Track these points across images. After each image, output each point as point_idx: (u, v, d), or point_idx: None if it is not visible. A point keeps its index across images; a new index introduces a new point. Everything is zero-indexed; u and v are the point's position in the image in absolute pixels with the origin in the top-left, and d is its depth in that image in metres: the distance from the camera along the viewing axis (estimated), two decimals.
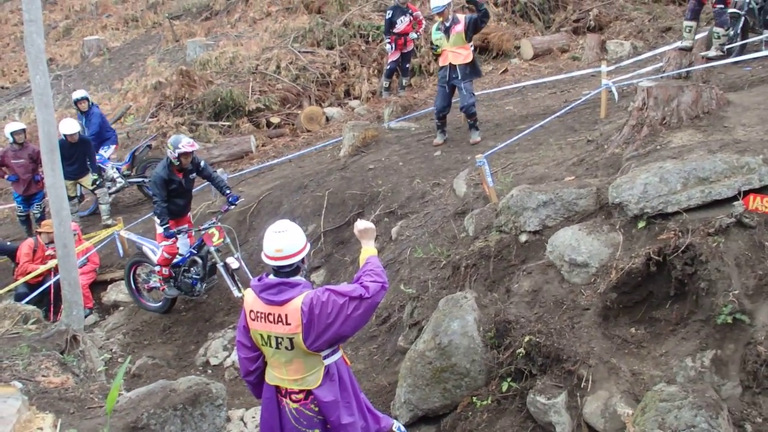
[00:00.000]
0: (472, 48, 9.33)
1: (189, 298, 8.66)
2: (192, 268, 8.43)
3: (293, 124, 13.25)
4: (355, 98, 13.85)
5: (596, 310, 5.02)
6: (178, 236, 8.10)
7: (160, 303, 8.79)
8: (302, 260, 3.96)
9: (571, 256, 5.31)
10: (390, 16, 11.64)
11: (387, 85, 12.47)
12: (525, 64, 14.19)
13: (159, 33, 19.09)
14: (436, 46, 9.32)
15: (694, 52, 8.60)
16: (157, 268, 8.40)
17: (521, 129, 9.05)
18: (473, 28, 9.12)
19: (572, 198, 5.78)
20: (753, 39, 9.10)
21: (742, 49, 8.88)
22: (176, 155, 7.77)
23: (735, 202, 4.79)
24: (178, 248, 8.26)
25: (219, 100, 13.26)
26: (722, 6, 8.46)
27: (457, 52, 9.11)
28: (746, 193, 4.83)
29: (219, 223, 8.23)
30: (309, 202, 8.81)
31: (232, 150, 12.45)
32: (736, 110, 6.19)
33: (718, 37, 8.59)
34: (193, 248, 8.35)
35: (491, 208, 6.47)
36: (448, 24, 9.09)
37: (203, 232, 8.12)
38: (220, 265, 8.08)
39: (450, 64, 9.13)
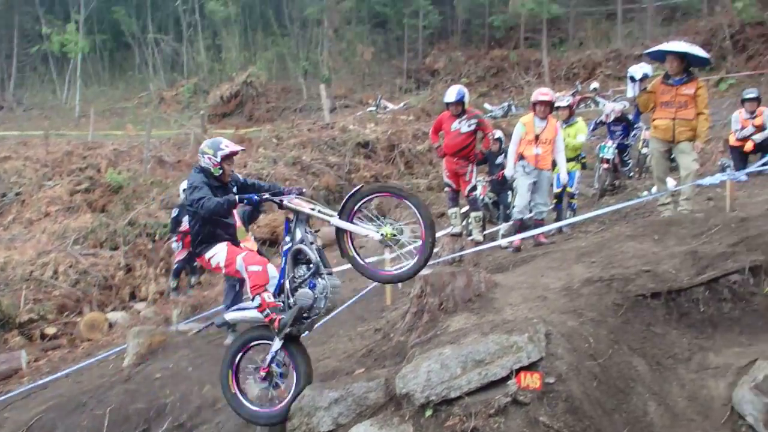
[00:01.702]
0: (253, 238, 9.48)
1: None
2: (299, 269, 5.94)
3: (72, 334, 12.32)
4: (142, 300, 13.30)
5: None
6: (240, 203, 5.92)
7: (284, 403, 5.96)
8: None
9: None
10: (176, 214, 11.59)
11: (175, 285, 12.14)
12: None
13: None
14: None
15: (464, 236, 9.40)
16: (257, 301, 5.85)
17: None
18: (249, 219, 9.25)
19: (362, 392, 5.73)
20: (492, 229, 10.19)
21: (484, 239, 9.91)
22: (218, 160, 6.11)
23: (509, 381, 5.01)
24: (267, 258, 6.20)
25: None
26: (476, 194, 9.52)
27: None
28: (518, 371, 5.07)
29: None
30: (87, 422, 7.96)
31: None
32: (503, 291, 6.65)
33: (479, 221, 9.51)
34: (286, 243, 6.00)
35: None
36: None
37: (288, 198, 5.95)
38: (334, 221, 5.82)
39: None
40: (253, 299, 5.90)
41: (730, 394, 5.12)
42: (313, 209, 5.91)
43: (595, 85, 25.55)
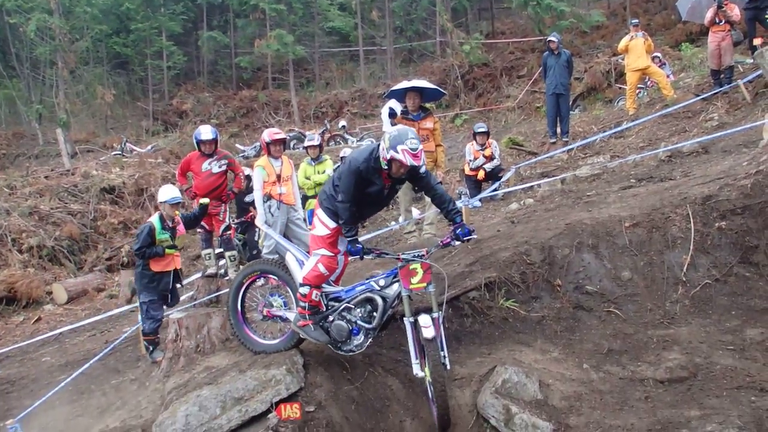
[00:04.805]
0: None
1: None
2: (360, 309, 5.75)
3: None
4: None
5: None
6: (365, 257, 5.61)
7: (281, 339, 6.09)
8: None
9: None
10: None
11: None
12: (60, 310, 13.43)
13: None
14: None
15: (220, 276, 9.25)
16: (303, 290, 5.70)
17: (61, 380, 8.37)
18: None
19: None
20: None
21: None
22: (388, 157, 5.42)
23: (270, 415, 5.01)
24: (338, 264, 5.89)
25: None
26: (229, 233, 9.46)
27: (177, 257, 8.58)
28: (278, 403, 5.10)
29: (428, 260, 5.67)
30: None
31: None
32: None
33: (234, 260, 9.41)
34: (376, 280, 5.75)
35: None
36: (172, 224, 8.45)
37: (401, 264, 5.59)
38: (408, 321, 5.51)
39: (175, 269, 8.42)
40: (302, 285, 5.76)
41: (475, 401, 5.56)
42: (413, 292, 5.61)
43: (343, 122, 26.57)
